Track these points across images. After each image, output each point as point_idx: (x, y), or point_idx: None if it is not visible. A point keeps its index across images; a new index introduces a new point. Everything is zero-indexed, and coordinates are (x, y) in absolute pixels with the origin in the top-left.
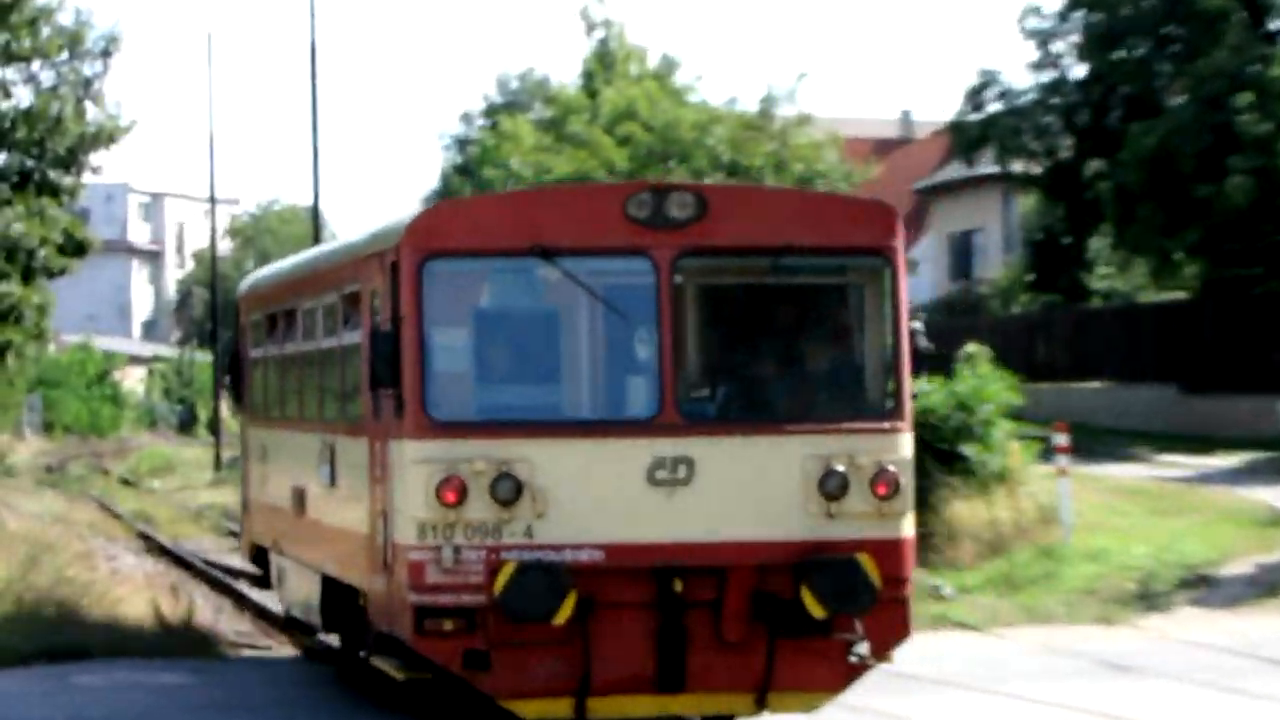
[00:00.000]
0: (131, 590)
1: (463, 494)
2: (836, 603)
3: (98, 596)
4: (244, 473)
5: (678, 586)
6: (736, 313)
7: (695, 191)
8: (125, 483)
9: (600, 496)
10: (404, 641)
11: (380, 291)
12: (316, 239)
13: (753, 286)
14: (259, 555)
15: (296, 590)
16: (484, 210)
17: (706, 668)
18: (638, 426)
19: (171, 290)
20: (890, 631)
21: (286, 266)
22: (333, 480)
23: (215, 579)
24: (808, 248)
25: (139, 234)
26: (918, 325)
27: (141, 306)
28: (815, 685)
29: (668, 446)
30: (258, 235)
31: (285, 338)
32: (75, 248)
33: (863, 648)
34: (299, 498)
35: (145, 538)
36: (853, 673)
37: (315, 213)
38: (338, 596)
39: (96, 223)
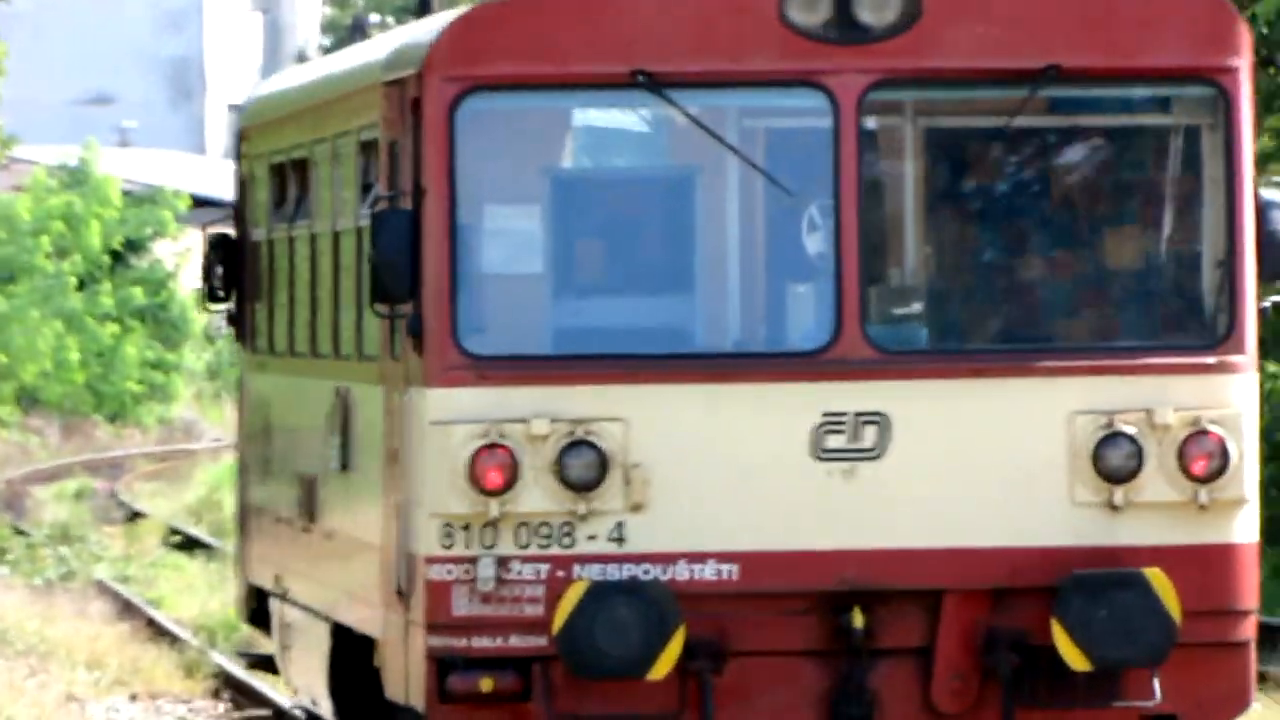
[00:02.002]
0: None
1: (513, 474)
2: (1109, 648)
3: None
4: (240, 460)
5: (859, 622)
6: (966, 177)
7: None
8: (183, 543)
9: (736, 478)
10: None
11: (401, 143)
12: None
13: (993, 134)
14: (260, 610)
15: (303, 658)
16: (556, 14)
17: None
18: (799, 364)
19: (307, 32)
20: (1215, 698)
21: (305, 78)
22: (344, 460)
23: None
24: (1085, 70)
25: None
26: (1275, 196)
27: (225, 67)
28: None
29: (848, 396)
30: None
31: (297, 209)
32: None
33: None
34: (307, 495)
35: (241, 694)
36: None
37: None
38: (354, 661)
39: None
